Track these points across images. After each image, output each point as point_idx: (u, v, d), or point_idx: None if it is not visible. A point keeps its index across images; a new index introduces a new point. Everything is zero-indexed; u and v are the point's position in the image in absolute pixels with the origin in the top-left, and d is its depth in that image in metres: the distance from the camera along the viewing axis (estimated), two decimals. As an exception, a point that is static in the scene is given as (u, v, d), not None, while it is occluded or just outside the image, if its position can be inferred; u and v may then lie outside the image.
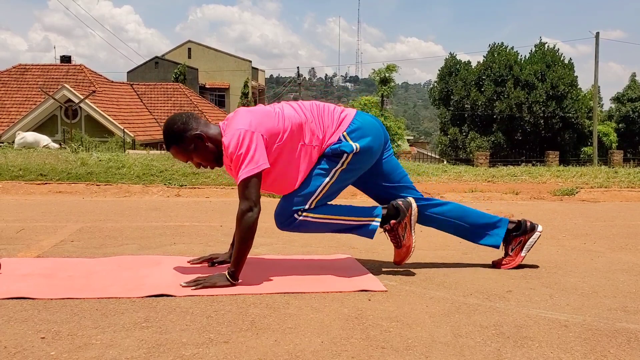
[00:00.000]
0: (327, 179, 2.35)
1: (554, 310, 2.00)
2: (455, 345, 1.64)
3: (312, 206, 2.35)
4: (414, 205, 2.45)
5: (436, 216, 2.56)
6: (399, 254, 2.50)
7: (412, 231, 2.45)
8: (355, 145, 2.33)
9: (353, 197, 5.20)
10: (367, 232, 2.44)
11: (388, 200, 2.51)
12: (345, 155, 2.33)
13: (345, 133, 2.36)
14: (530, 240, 2.58)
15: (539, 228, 2.60)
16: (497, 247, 2.61)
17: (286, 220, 2.34)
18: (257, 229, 2.21)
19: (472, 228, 2.58)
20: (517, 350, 1.62)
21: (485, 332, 1.75)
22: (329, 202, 2.42)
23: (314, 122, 2.35)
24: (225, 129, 2.29)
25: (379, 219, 2.42)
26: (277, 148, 2.27)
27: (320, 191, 2.35)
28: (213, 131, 2.32)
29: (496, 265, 2.63)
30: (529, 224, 2.59)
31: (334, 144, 2.35)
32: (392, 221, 2.42)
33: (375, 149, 2.42)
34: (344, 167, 2.36)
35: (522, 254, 2.60)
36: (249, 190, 2.17)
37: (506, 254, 2.62)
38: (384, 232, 2.47)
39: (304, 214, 2.34)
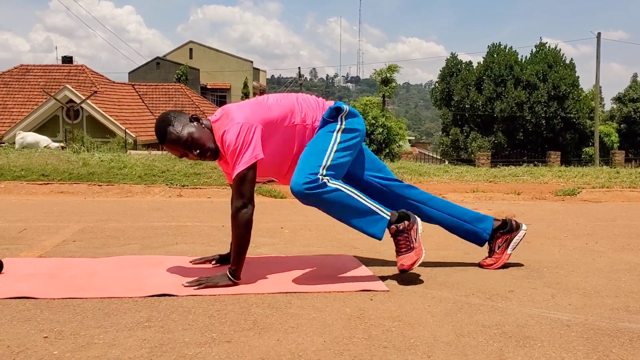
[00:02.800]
0: (333, 139, 2.32)
1: (556, 310, 2.00)
2: (458, 345, 1.64)
3: (328, 164, 2.27)
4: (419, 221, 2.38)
5: (420, 205, 2.53)
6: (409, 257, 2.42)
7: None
8: (346, 108, 2.37)
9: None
10: (376, 228, 2.31)
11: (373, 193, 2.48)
12: (342, 111, 2.36)
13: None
14: (516, 238, 2.58)
15: (524, 227, 2.60)
16: (482, 244, 2.61)
17: (306, 179, 2.19)
18: (253, 228, 2.21)
19: (459, 222, 2.58)
20: (519, 349, 1.62)
21: (487, 332, 1.75)
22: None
23: (302, 105, 2.38)
24: (218, 127, 2.27)
25: (389, 213, 2.31)
26: (272, 134, 2.26)
27: (331, 151, 2.30)
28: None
29: (483, 265, 2.62)
30: (514, 222, 2.59)
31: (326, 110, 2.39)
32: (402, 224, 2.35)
33: (362, 132, 2.43)
34: (343, 126, 2.35)
35: (508, 251, 2.60)
36: (244, 186, 2.16)
37: (492, 252, 2.61)
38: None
39: (326, 174, 2.23)
